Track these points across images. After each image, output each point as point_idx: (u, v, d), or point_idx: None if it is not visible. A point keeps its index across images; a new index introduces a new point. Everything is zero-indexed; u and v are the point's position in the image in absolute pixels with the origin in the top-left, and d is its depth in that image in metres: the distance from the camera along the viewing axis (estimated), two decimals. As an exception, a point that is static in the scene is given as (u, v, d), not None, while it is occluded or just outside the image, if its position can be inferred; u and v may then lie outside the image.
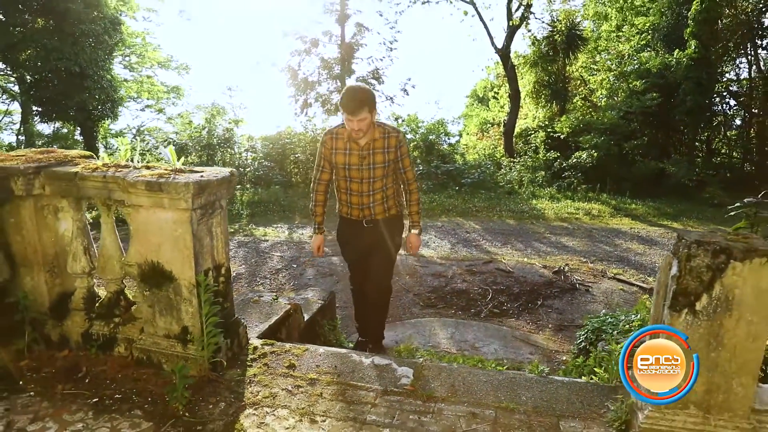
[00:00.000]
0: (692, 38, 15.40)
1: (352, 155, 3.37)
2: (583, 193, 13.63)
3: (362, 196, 3.44)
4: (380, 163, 3.39)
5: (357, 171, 3.39)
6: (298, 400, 2.52)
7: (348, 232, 3.64)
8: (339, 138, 3.39)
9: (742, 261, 1.98)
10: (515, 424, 2.36)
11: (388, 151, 3.39)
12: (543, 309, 5.74)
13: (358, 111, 3.17)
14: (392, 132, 3.43)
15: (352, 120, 3.20)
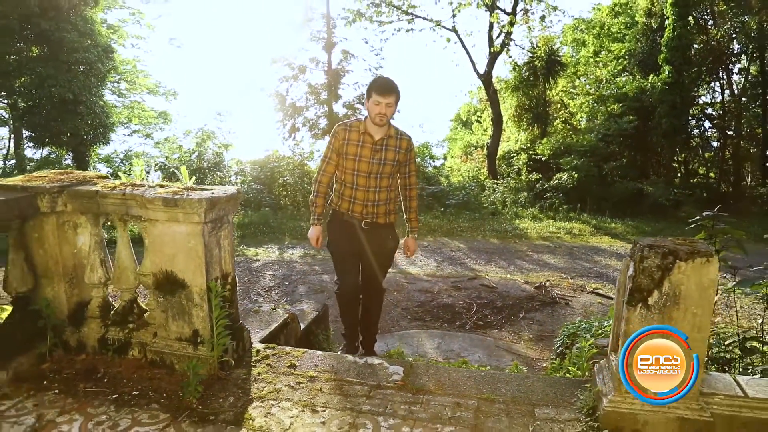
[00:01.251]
0: (666, 64, 16.08)
1: (364, 147, 3.40)
2: (564, 213, 14.05)
3: (368, 192, 3.45)
4: (391, 160, 3.44)
5: (367, 164, 3.41)
6: (299, 394, 2.78)
7: (343, 229, 3.59)
8: (353, 130, 3.43)
9: (686, 261, 2.31)
10: (495, 411, 2.65)
11: (399, 151, 3.47)
12: (525, 321, 6.04)
13: (390, 94, 3.28)
14: (404, 135, 3.53)
15: (381, 102, 3.27)
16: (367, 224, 3.52)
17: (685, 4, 15.50)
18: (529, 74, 19.02)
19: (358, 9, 15.75)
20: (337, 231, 3.62)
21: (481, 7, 16.40)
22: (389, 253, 3.73)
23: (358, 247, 3.58)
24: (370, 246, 3.57)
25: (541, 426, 2.53)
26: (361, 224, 3.52)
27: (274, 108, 16.27)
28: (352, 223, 3.54)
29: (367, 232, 3.54)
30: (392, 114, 3.39)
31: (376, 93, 3.29)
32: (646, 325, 2.39)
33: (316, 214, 3.62)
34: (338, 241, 3.63)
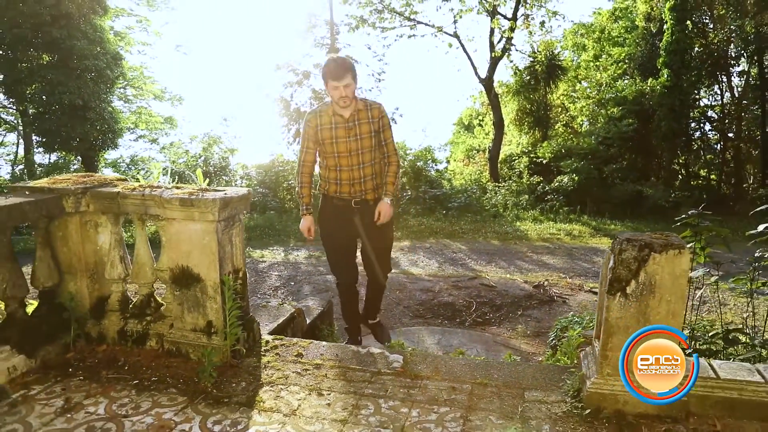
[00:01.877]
0: (665, 67, 16.28)
1: (338, 128, 3.40)
2: (564, 215, 14.24)
3: (352, 170, 3.44)
4: (367, 133, 3.43)
5: (345, 144, 3.41)
6: (306, 380, 3.00)
7: (333, 213, 3.57)
8: (323, 114, 3.43)
9: (660, 253, 2.52)
10: (487, 394, 2.86)
11: (373, 121, 3.44)
12: (523, 318, 6.25)
13: (344, 76, 3.24)
14: (374, 104, 3.51)
15: (338, 86, 3.25)
16: (358, 203, 3.50)
17: (683, 8, 15.70)
18: (530, 78, 19.24)
19: (361, 15, 16.02)
20: (330, 219, 3.60)
21: (482, 13, 16.63)
22: (385, 229, 3.64)
23: (352, 231, 3.56)
24: (365, 225, 3.54)
25: (529, 407, 2.74)
26: (352, 204, 3.50)
27: (279, 113, 16.55)
28: (342, 206, 3.52)
29: (359, 212, 3.52)
30: (353, 91, 3.35)
31: (331, 79, 3.27)
32: (624, 313, 2.60)
33: (304, 204, 3.59)
34: (331, 231, 3.62)
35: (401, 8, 16.24)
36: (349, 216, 3.52)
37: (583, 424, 2.59)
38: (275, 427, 2.54)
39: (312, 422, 2.58)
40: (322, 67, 3.38)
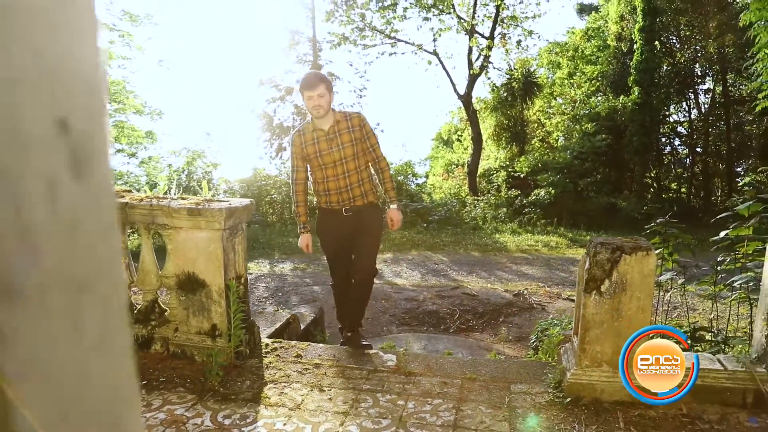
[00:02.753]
0: (635, 85, 16.88)
1: (320, 142, 3.52)
2: (542, 227, 14.62)
3: (338, 179, 3.56)
4: (348, 142, 3.54)
5: (329, 155, 3.53)
6: (307, 378, 3.21)
7: (329, 223, 3.69)
8: (305, 132, 3.57)
9: (630, 254, 2.80)
10: (476, 387, 3.10)
11: (353, 130, 3.56)
12: (504, 324, 6.51)
13: (317, 85, 3.38)
14: (352, 113, 3.66)
15: (312, 96, 3.39)
16: (348, 210, 3.61)
17: (651, 30, 16.36)
18: (507, 95, 19.74)
19: (343, 33, 16.35)
20: (326, 229, 3.73)
21: (461, 32, 17.08)
22: (375, 232, 3.75)
23: (344, 237, 3.68)
24: (356, 230, 3.65)
25: (515, 397, 2.98)
26: (342, 212, 3.61)
27: (262, 128, 16.74)
28: (335, 216, 3.64)
29: (350, 219, 3.62)
30: (329, 102, 3.48)
31: (305, 89, 3.42)
32: (600, 309, 2.87)
33: (302, 223, 3.70)
34: (326, 239, 3.75)
35: (382, 26, 16.62)
36: (343, 223, 3.63)
37: (564, 411, 2.84)
38: (282, 420, 2.74)
39: (316, 414, 2.79)
40: (299, 82, 3.56)
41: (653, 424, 2.72)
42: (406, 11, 16.29)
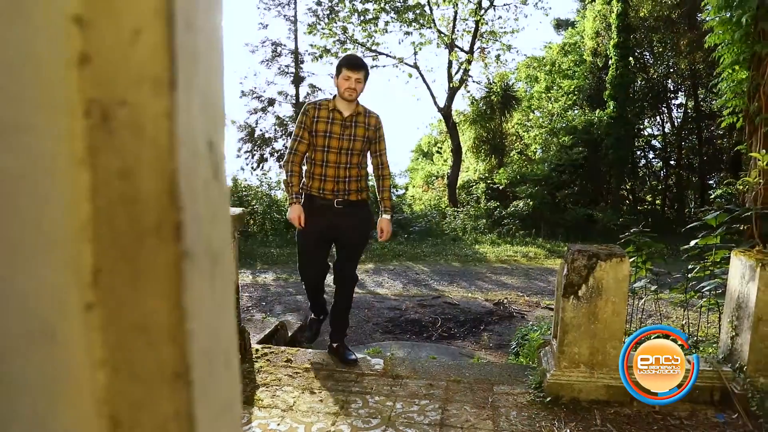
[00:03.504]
0: (610, 99, 17.33)
1: (334, 124, 3.37)
2: (520, 238, 14.88)
3: (339, 168, 3.39)
4: (360, 136, 3.43)
5: (337, 140, 3.37)
6: (298, 381, 3.31)
7: (316, 212, 3.44)
8: (322, 108, 3.41)
9: (605, 261, 2.97)
10: (461, 388, 3.24)
11: (368, 128, 3.46)
12: (485, 332, 6.66)
13: (359, 69, 3.31)
14: (373, 112, 3.53)
15: (351, 77, 3.28)
16: (340, 203, 3.43)
17: (625, 46, 16.83)
18: (486, 108, 20.09)
19: (325, 45, 16.53)
20: (311, 216, 3.44)
21: (441, 46, 17.39)
22: (363, 234, 3.63)
23: (330, 233, 3.51)
24: (345, 228, 3.48)
25: (498, 397, 3.12)
26: (334, 203, 3.42)
27: (243, 139, 16.78)
28: (324, 206, 3.43)
29: (341, 213, 3.44)
30: (361, 91, 3.38)
31: (346, 68, 3.30)
32: (577, 312, 3.03)
33: (293, 193, 3.46)
34: (309, 229, 3.46)
35: (364, 39, 16.83)
36: (331, 215, 3.44)
37: (544, 410, 2.99)
38: (276, 420, 2.84)
39: (308, 415, 2.90)
40: (340, 59, 3.44)
41: (628, 421, 2.89)
42: (388, 25, 16.55)
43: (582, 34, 22.25)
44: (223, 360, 0.47)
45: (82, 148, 0.38)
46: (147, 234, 0.39)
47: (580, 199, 17.24)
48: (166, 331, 0.40)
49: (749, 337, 3.01)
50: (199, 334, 0.42)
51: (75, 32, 0.37)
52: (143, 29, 0.37)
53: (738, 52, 3.81)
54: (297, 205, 3.44)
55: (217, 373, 0.46)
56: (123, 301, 0.40)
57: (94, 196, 0.38)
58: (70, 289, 0.39)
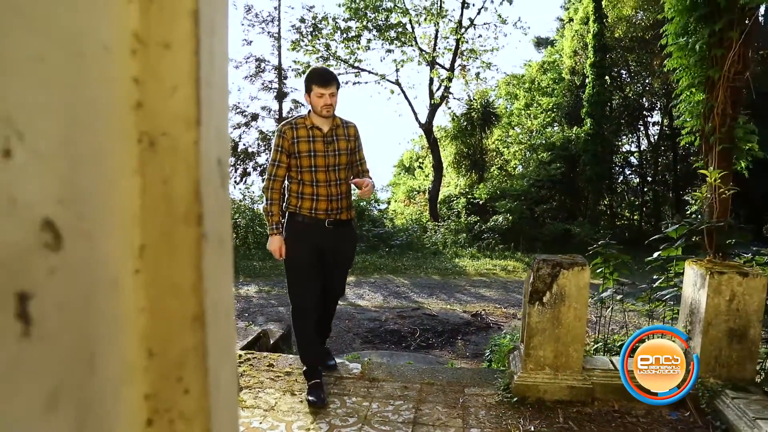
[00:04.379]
0: (588, 117, 17.79)
1: (316, 142, 3.25)
2: (500, 252, 15.15)
3: (330, 186, 3.29)
4: (344, 149, 3.33)
5: (323, 158, 3.26)
6: (279, 384, 3.47)
7: (307, 234, 3.31)
8: (299, 127, 3.27)
9: (568, 269, 3.20)
10: (434, 390, 3.42)
11: (349, 139, 3.37)
12: (462, 342, 6.86)
13: (331, 83, 3.18)
14: (349, 122, 3.44)
15: (324, 94, 3.15)
16: (331, 223, 3.31)
17: (601, 65, 17.34)
18: (466, 124, 20.46)
19: (308, 62, 16.79)
20: (298, 240, 3.31)
21: (422, 63, 17.75)
22: (351, 253, 3.58)
23: (319, 253, 3.35)
24: (334, 248, 3.38)
25: (469, 399, 3.31)
26: (325, 224, 3.30)
27: (226, 153, 16.89)
28: (314, 226, 3.30)
29: (330, 233, 3.33)
30: (336, 103, 3.26)
31: (318, 85, 3.16)
32: (542, 317, 3.24)
33: (273, 223, 3.30)
34: (299, 252, 3.30)
35: (346, 56, 17.14)
36: (323, 236, 3.31)
37: (511, 409, 3.19)
38: (258, 419, 3.00)
39: (289, 414, 3.06)
40: (307, 74, 3.31)
41: (588, 419, 3.09)
42: (370, 43, 16.87)
43: (561, 52, 22.82)
44: (225, 311, 0.67)
45: (136, 163, 0.57)
46: (178, 221, 0.58)
47: (559, 214, 17.61)
48: (189, 288, 0.60)
49: (700, 340, 3.25)
50: (211, 291, 0.61)
51: (134, 88, 0.57)
52: (179, 86, 0.57)
53: (694, 75, 4.11)
54: (278, 236, 3.30)
55: (221, 319, 0.65)
56: (160, 267, 0.59)
57: (143, 195, 0.58)
58: (126, 259, 0.58)
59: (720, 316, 3.20)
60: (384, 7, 16.30)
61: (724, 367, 3.24)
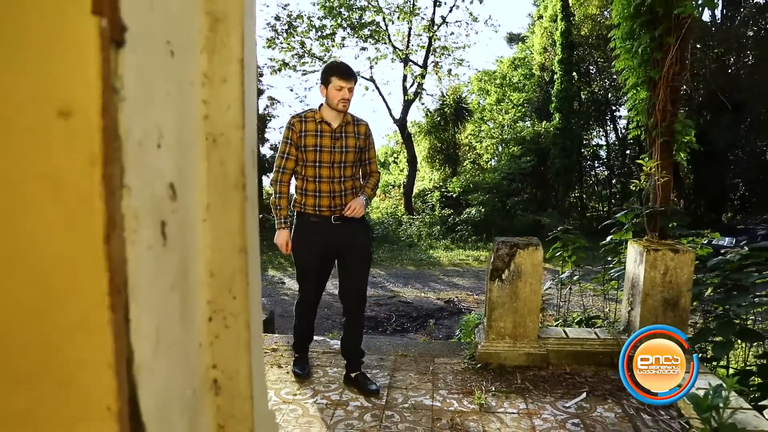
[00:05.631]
0: (556, 111, 18.38)
1: (323, 137, 3.17)
2: (473, 243, 15.65)
3: (333, 183, 3.20)
4: (352, 147, 3.23)
5: (328, 154, 3.18)
6: (266, 359, 3.82)
7: (312, 230, 3.24)
8: (308, 120, 3.19)
9: (524, 249, 3.60)
10: (407, 361, 3.81)
11: (359, 137, 3.27)
12: (436, 326, 7.27)
13: (352, 77, 3.13)
14: (361, 120, 3.34)
15: (344, 87, 3.09)
16: (337, 219, 3.22)
17: (569, 62, 17.94)
18: (440, 119, 20.93)
19: (283, 59, 17.05)
20: (307, 236, 3.25)
21: (396, 60, 18.13)
22: (366, 250, 3.41)
23: (327, 249, 3.28)
24: (347, 244, 3.28)
25: (437, 366, 3.71)
26: (331, 220, 3.22)
27: (203, 150, 17.04)
28: (320, 223, 3.23)
29: (338, 229, 3.23)
30: (351, 99, 3.20)
31: (339, 78, 3.09)
32: (501, 293, 3.64)
33: (282, 216, 3.24)
34: (306, 247, 3.26)
35: (321, 53, 17.42)
36: (329, 232, 3.24)
37: (475, 374, 3.59)
38: (249, 387, 3.34)
39: (277, 383, 3.41)
40: (327, 66, 3.24)
41: (543, 380, 3.51)
42: (344, 40, 17.19)
43: (531, 49, 23.41)
44: (256, 246, 1.03)
45: (205, 152, 0.93)
46: (231, 188, 0.94)
47: (529, 205, 18.18)
48: (237, 231, 0.95)
49: (640, 309, 3.69)
50: (249, 233, 0.98)
51: (204, 106, 0.92)
52: (231, 105, 0.93)
53: (638, 76, 4.54)
54: (285, 230, 3.26)
55: (254, 251, 1.01)
56: (219, 217, 0.95)
57: (208, 174, 0.94)
58: (198, 212, 0.94)
59: (656, 287, 3.64)
60: (358, 6, 16.62)
61: (660, 333, 3.68)
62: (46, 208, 0.54)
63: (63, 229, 0.54)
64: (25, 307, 0.52)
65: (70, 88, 0.53)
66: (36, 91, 0.51)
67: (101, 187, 0.55)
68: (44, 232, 0.53)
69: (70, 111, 0.54)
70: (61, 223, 0.54)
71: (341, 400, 3.21)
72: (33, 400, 0.52)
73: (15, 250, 0.51)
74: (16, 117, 0.51)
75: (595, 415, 3.08)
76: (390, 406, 3.13)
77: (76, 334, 0.54)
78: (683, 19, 4.14)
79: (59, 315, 0.54)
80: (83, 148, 0.54)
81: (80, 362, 0.55)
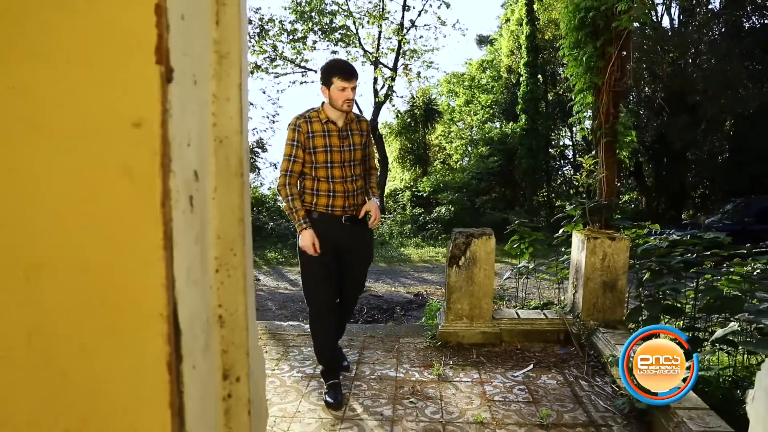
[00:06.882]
0: (522, 113, 18.97)
1: (332, 137, 3.11)
2: (443, 241, 16.09)
3: (346, 182, 3.15)
4: (359, 144, 3.21)
5: (339, 153, 3.13)
6: (246, 342, 4.16)
7: (325, 230, 3.13)
8: (314, 121, 3.11)
9: (478, 238, 4.02)
10: (374, 341, 4.19)
11: (363, 133, 3.26)
12: (405, 317, 7.67)
13: (354, 76, 3.06)
14: (362, 117, 3.34)
15: (347, 87, 3.02)
16: (348, 219, 3.18)
17: (534, 65, 18.55)
18: (410, 121, 21.38)
19: (255, 62, 17.26)
20: (320, 236, 3.12)
21: (366, 63, 18.50)
22: (369, 250, 3.46)
23: (338, 248, 3.22)
24: (353, 244, 3.25)
25: (402, 345, 4.10)
26: (342, 220, 3.17)
27: (176, 151, 17.16)
28: (330, 223, 3.16)
29: (348, 229, 3.20)
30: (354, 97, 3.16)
31: (341, 79, 3.01)
32: (459, 277, 4.05)
33: (300, 217, 3.09)
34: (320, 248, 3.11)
35: (293, 56, 17.70)
36: (340, 232, 3.18)
37: (436, 351, 3.99)
38: (231, 365, 3.68)
39: (256, 361, 3.76)
40: (327, 65, 3.14)
41: (496, 355, 3.93)
42: (316, 44, 17.49)
43: (499, 51, 24.02)
44: (249, 218, 1.41)
45: (214, 150, 1.31)
46: (232, 175, 1.32)
47: (498, 204, 18.74)
48: (237, 206, 1.33)
49: (582, 292, 4.14)
50: (246, 208, 1.35)
51: (212, 117, 1.30)
52: (233, 116, 1.31)
53: (584, 82, 5.01)
54: (309, 230, 3.09)
55: (248, 223, 1.39)
56: (224, 197, 1.32)
57: (217, 165, 1.31)
58: (210, 191, 1.31)
59: (596, 272, 4.09)
60: (329, 11, 16.95)
61: (600, 311, 4.14)
62: (124, 186, 0.90)
63: (136, 198, 0.91)
64: (109, 247, 0.89)
65: (142, 108, 0.90)
66: (119, 111, 0.87)
67: (159, 171, 0.92)
68: (123, 200, 0.89)
69: (141, 123, 0.90)
70: (135, 195, 0.90)
71: (315, 373, 3.58)
72: (112, 308, 0.88)
73: (105, 213, 0.87)
74: (107, 128, 0.87)
75: (540, 382, 3.51)
76: (359, 378, 3.52)
77: (143, 265, 0.91)
78: (621, 30, 4.61)
79: (131, 253, 0.90)
80: (148, 146, 0.90)
81: (144, 283, 0.91)
